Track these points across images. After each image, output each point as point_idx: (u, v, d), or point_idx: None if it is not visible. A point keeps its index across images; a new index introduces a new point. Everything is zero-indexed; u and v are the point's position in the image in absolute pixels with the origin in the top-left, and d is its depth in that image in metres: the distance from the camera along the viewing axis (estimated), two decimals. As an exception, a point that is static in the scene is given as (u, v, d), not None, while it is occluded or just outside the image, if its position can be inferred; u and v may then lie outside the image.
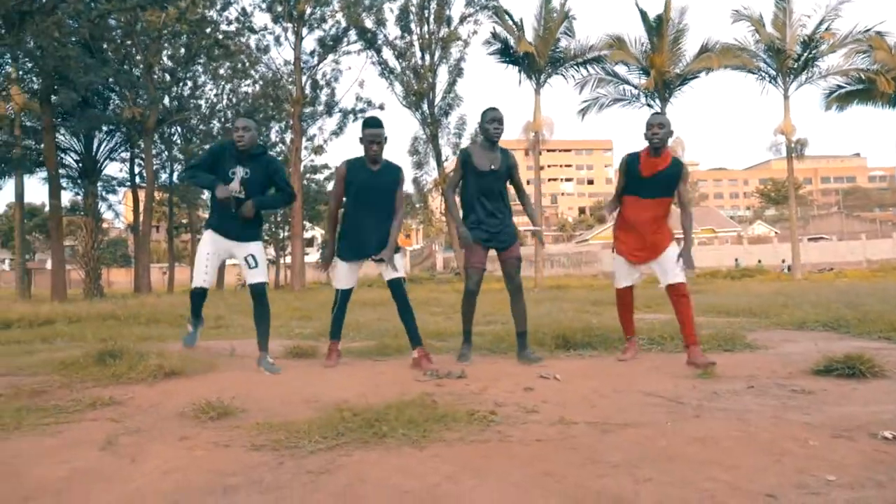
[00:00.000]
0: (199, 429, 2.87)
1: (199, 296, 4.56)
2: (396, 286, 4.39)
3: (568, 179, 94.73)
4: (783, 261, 39.37)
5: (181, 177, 4.38)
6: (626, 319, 4.68)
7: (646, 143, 4.31)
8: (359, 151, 4.45)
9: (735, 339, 5.10)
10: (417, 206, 30.43)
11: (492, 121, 4.46)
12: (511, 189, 4.81)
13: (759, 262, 38.93)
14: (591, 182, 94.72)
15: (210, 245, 4.35)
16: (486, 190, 4.50)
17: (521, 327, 4.61)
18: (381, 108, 24.76)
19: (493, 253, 4.61)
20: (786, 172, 28.35)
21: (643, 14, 23.69)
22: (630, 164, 4.35)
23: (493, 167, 4.45)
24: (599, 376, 3.99)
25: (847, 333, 5.79)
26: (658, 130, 4.21)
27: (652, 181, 4.28)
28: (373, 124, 4.32)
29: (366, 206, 4.33)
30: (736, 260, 39.48)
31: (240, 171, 4.19)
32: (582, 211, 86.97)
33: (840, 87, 24.49)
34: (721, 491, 2.04)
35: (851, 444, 2.46)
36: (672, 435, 2.64)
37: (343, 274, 4.50)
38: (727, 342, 5.02)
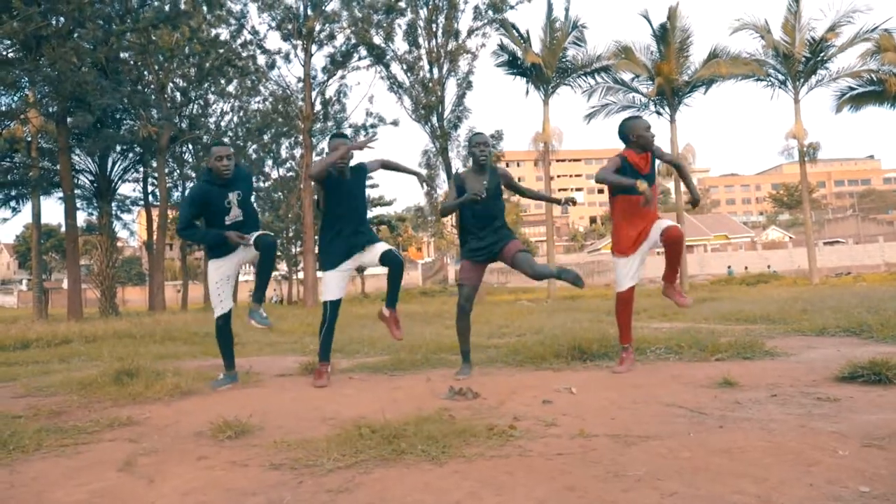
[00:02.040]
0: (216, 448, 2.86)
1: (225, 324, 4.35)
2: (391, 256, 4.23)
3: (578, 189, 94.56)
4: (769, 266, 39.14)
5: (182, 236, 4.21)
6: (627, 324, 4.55)
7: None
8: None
9: (755, 347, 5.02)
10: (430, 218, 30.43)
11: (477, 144, 4.55)
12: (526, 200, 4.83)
13: (746, 268, 38.77)
14: (601, 191, 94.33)
15: (218, 272, 4.30)
16: (481, 212, 4.50)
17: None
18: (395, 123, 24.90)
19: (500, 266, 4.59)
20: (798, 176, 28.16)
21: (648, 22, 23.73)
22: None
23: (485, 191, 4.45)
24: (617, 387, 3.94)
25: (870, 339, 5.68)
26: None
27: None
28: (336, 136, 4.45)
29: (344, 212, 4.32)
30: (728, 267, 39.29)
31: (233, 197, 4.19)
32: (593, 220, 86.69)
33: (852, 88, 24.30)
34: (750, 504, 1.98)
35: (883, 453, 2.40)
36: (696, 447, 2.59)
37: (331, 281, 4.34)
38: (747, 350, 4.94)
